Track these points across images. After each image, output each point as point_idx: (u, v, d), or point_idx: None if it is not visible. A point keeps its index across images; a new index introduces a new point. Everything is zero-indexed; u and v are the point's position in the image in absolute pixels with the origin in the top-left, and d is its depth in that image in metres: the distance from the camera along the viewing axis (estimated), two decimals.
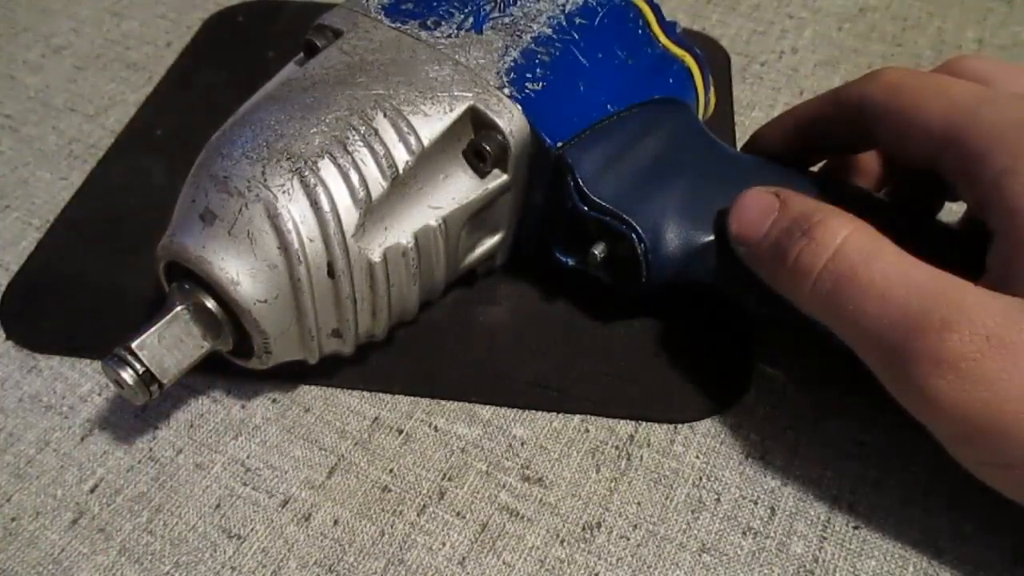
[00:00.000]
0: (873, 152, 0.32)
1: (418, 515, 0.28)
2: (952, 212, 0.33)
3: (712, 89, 0.34)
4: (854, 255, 0.24)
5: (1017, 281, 0.23)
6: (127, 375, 0.26)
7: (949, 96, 0.26)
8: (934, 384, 0.22)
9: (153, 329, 0.26)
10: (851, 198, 0.29)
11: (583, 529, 0.27)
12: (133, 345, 0.26)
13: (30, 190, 0.38)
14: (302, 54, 0.31)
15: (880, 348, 0.24)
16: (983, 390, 0.22)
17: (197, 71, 0.43)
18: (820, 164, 0.33)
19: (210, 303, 0.26)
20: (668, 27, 0.33)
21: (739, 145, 0.39)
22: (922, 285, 0.23)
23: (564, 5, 0.31)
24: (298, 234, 0.25)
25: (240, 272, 0.26)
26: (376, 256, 0.27)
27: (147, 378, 0.26)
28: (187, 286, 0.27)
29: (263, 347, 0.27)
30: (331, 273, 0.26)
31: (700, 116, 0.34)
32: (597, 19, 0.31)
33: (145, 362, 0.26)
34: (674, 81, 0.32)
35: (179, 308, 0.26)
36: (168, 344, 0.26)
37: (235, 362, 0.29)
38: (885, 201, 0.32)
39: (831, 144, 0.31)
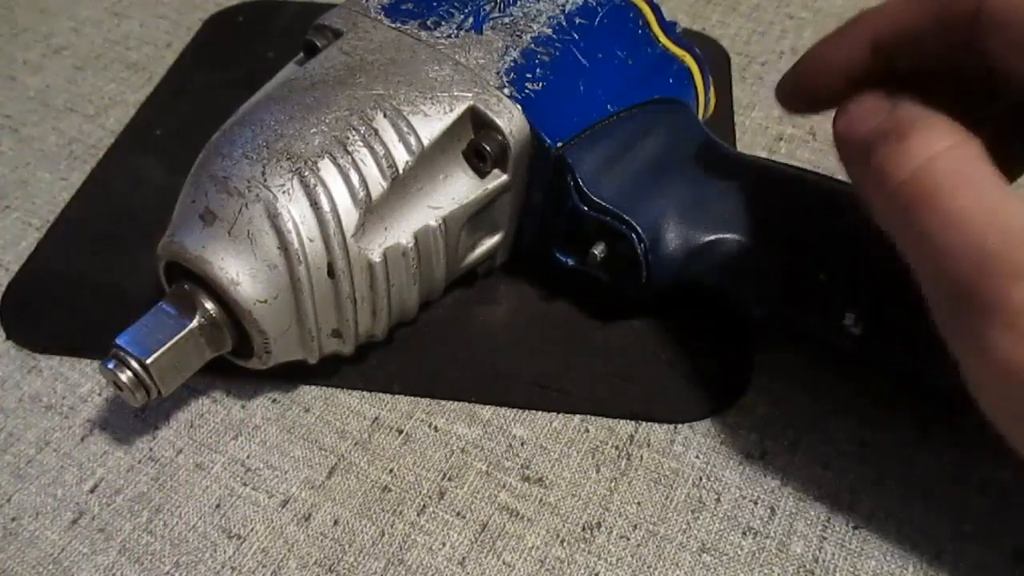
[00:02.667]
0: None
1: (418, 515, 0.28)
2: None
3: (712, 89, 0.34)
4: (943, 174, 0.22)
5: None
6: (126, 378, 0.26)
7: None
8: (991, 335, 0.20)
9: (168, 346, 0.26)
10: None
11: (583, 529, 0.27)
12: (148, 362, 0.26)
13: (30, 190, 0.38)
14: (302, 54, 0.31)
15: (943, 283, 0.21)
16: None
17: (197, 71, 0.43)
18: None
19: (209, 304, 0.26)
20: (668, 27, 0.33)
21: (739, 144, 0.39)
22: (1006, 225, 0.20)
23: (564, 5, 0.31)
24: (298, 234, 0.25)
25: (240, 272, 0.26)
26: (376, 256, 0.27)
27: (150, 387, 0.26)
28: (187, 286, 0.27)
29: (263, 347, 0.27)
30: (331, 273, 0.26)
31: (700, 116, 0.34)
32: (597, 19, 0.31)
33: (154, 376, 0.26)
34: (674, 81, 0.32)
35: (194, 325, 0.26)
36: (178, 360, 0.26)
37: (235, 362, 0.29)
38: None
39: (923, 63, 0.25)
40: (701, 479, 0.28)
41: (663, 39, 0.32)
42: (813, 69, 0.27)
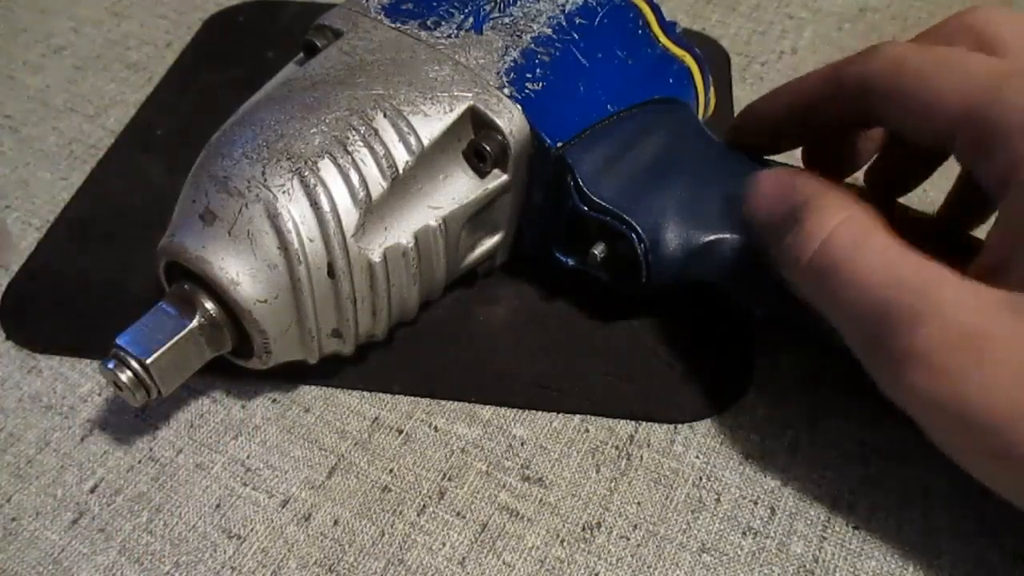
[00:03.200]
0: (865, 131, 0.31)
1: (418, 515, 0.28)
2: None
3: (712, 89, 0.34)
4: (840, 247, 0.24)
5: (1016, 266, 0.23)
6: (126, 378, 0.26)
7: (965, 72, 0.25)
8: (906, 376, 0.23)
9: (168, 346, 0.26)
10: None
11: (583, 529, 0.27)
12: (148, 362, 0.26)
13: (30, 190, 0.38)
14: (302, 54, 0.31)
15: (860, 338, 0.24)
16: (953, 384, 0.22)
17: (197, 71, 0.43)
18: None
19: (209, 304, 0.26)
20: (668, 27, 0.33)
21: None
22: (902, 277, 0.23)
23: (564, 5, 0.31)
24: (298, 234, 0.25)
25: (240, 272, 0.26)
26: (376, 256, 0.27)
27: (150, 387, 0.26)
28: (187, 286, 0.27)
29: (263, 347, 0.27)
30: (331, 273, 0.26)
31: (700, 116, 0.34)
32: (597, 19, 0.31)
33: (155, 377, 0.26)
34: (674, 81, 0.32)
35: (194, 325, 0.26)
36: (178, 360, 0.26)
37: (235, 362, 0.29)
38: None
39: (829, 123, 0.30)
40: (701, 479, 0.28)
41: (663, 39, 0.32)
42: (746, 124, 0.32)
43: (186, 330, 0.26)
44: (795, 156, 0.32)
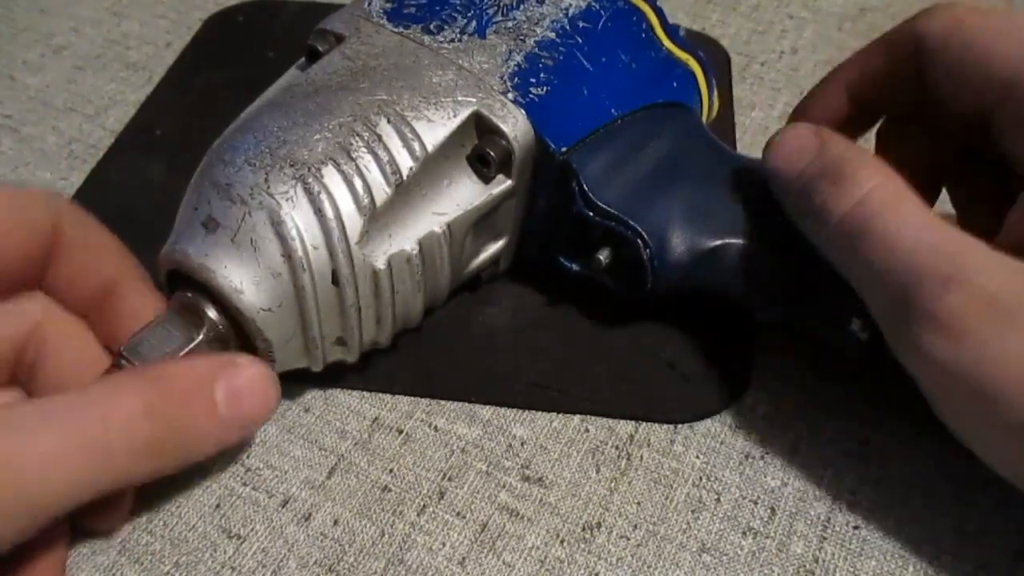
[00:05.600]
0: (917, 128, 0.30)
1: (418, 515, 0.28)
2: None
3: (716, 92, 0.34)
4: (876, 206, 0.24)
5: None
6: None
7: (1019, 40, 0.25)
8: (927, 339, 0.23)
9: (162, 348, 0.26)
10: None
11: (583, 529, 0.27)
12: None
13: None
14: (304, 59, 0.31)
15: (883, 298, 0.24)
16: (974, 350, 0.22)
17: (197, 71, 0.43)
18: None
19: (214, 313, 0.26)
20: (671, 30, 0.33)
21: (739, 144, 0.39)
22: (932, 241, 0.23)
23: (567, 9, 0.31)
24: (302, 242, 0.25)
25: (244, 280, 0.25)
26: (380, 263, 0.27)
27: None
28: (189, 294, 0.26)
29: (267, 355, 0.27)
30: (335, 281, 0.26)
31: (704, 119, 0.34)
32: (600, 23, 0.31)
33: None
34: (678, 84, 0.32)
35: (201, 339, 0.26)
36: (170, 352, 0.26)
37: None
38: None
39: (888, 102, 0.29)
40: (701, 479, 0.28)
41: (667, 42, 0.32)
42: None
43: (194, 344, 0.26)
44: None
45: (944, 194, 0.32)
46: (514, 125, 0.28)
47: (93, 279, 0.27)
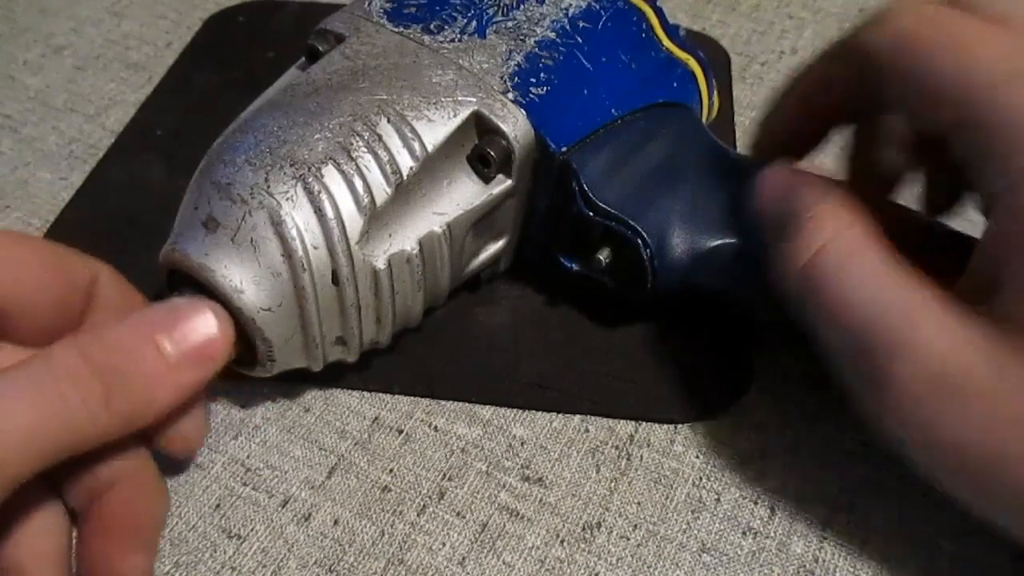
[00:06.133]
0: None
1: (418, 515, 0.28)
2: None
3: (716, 92, 0.34)
4: (828, 263, 0.23)
5: (1003, 289, 0.22)
6: None
7: (972, 59, 0.22)
8: (884, 404, 0.22)
9: None
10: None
11: (583, 529, 0.27)
12: None
13: (30, 190, 0.38)
14: (304, 59, 0.31)
15: (841, 358, 0.24)
16: (929, 419, 0.22)
17: (197, 71, 0.43)
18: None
19: None
20: (672, 30, 0.33)
21: (739, 145, 0.39)
22: (885, 302, 0.22)
23: (567, 9, 0.31)
24: (302, 242, 0.25)
25: (244, 280, 0.25)
26: (381, 263, 0.27)
27: None
28: (190, 293, 0.26)
29: (267, 355, 0.27)
30: (335, 281, 0.26)
31: (704, 119, 0.34)
32: (600, 23, 0.31)
33: None
34: (678, 85, 0.32)
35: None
36: None
37: (239, 371, 0.28)
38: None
39: (847, 112, 0.28)
40: (701, 479, 0.28)
41: (667, 43, 0.32)
42: (769, 144, 0.30)
43: None
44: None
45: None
46: (514, 125, 0.28)
47: None
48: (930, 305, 0.22)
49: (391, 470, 0.29)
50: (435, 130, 0.27)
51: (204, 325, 0.25)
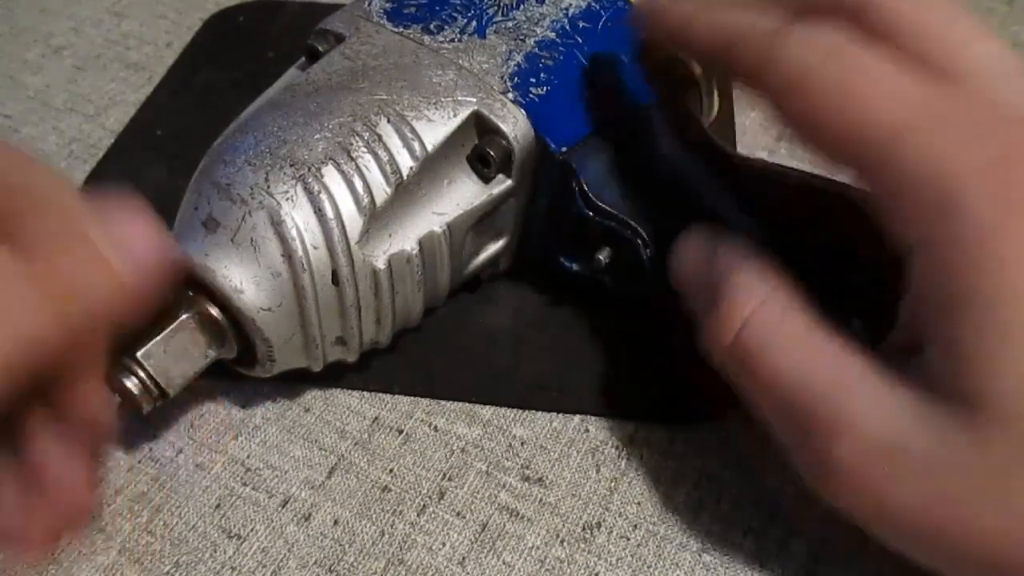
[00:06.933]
0: None
1: (418, 515, 0.28)
2: None
3: (715, 92, 0.34)
4: (753, 340, 0.23)
5: (928, 345, 0.21)
6: (132, 384, 0.26)
7: (864, 106, 0.21)
8: (829, 484, 0.22)
9: (159, 338, 0.26)
10: None
11: (583, 529, 0.27)
12: (139, 355, 0.26)
13: None
14: (304, 59, 0.31)
15: (781, 436, 0.23)
16: (872, 496, 0.21)
17: (197, 71, 0.43)
18: None
19: (214, 311, 0.26)
20: None
21: (739, 144, 0.39)
22: (815, 381, 0.22)
23: (567, 9, 0.31)
24: (302, 242, 0.25)
25: (244, 280, 0.26)
26: (381, 263, 0.27)
27: (152, 387, 0.26)
28: (190, 293, 0.26)
29: (267, 355, 0.27)
30: (335, 281, 0.26)
31: (704, 119, 0.34)
32: (600, 23, 0.31)
33: (151, 372, 0.26)
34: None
35: (184, 317, 0.26)
36: (173, 353, 0.26)
37: (239, 371, 0.28)
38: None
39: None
40: (701, 479, 0.28)
41: None
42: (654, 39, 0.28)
43: (177, 322, 0.26)
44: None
45: None
46: (514, 125, 0.28)
47: None
48: (860, 373, 0.22)
49: (391, 470, 0.29)
50: (435, 130, 0.27)
51: (131, 222, 0.22)
